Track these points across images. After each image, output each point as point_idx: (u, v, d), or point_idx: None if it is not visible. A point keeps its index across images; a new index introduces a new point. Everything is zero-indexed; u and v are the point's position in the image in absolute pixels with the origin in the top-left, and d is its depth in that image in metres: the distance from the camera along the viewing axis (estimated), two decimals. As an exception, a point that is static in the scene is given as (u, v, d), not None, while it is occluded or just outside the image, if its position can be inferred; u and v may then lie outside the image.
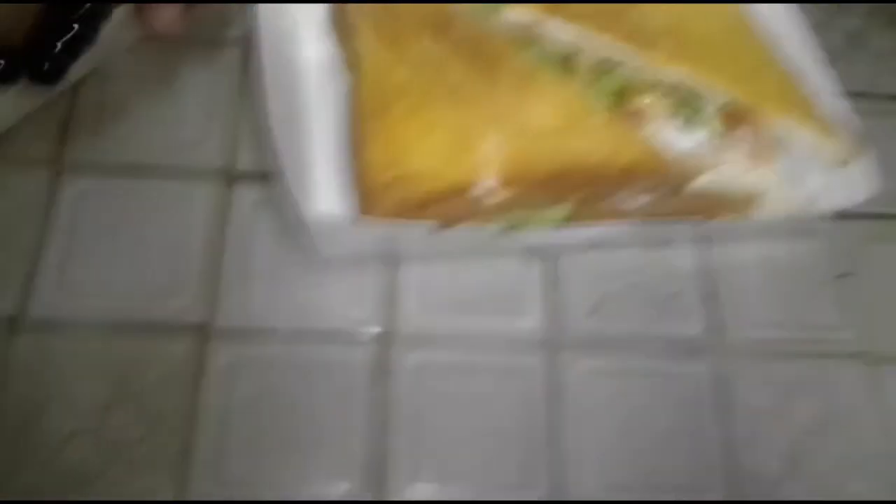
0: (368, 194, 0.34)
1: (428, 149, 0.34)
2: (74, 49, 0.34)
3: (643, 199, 0.37)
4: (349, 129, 0.36)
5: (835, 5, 0.52)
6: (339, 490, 0.35)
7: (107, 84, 0.42)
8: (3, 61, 0.33)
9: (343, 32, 0.39)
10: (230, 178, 0.41)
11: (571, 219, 0.37)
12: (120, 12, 0.36)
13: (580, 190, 0.35)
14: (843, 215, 0.44)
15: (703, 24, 0.39)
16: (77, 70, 0.37)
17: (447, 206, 0.34)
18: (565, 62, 0.38)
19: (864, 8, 0.52)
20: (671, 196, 0.37)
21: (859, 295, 0.43)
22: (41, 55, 0.33)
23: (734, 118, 0.37)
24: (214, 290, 0.38)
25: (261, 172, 0.41)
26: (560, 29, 0.38)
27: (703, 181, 0.37)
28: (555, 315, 0.40)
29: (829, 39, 0.50)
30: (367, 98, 0.35)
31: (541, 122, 0.35)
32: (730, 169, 0.38)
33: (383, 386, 0.37)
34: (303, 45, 0.40)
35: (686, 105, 0.38)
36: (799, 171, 0.39)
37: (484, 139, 0.34)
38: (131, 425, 0.35)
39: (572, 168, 0.34)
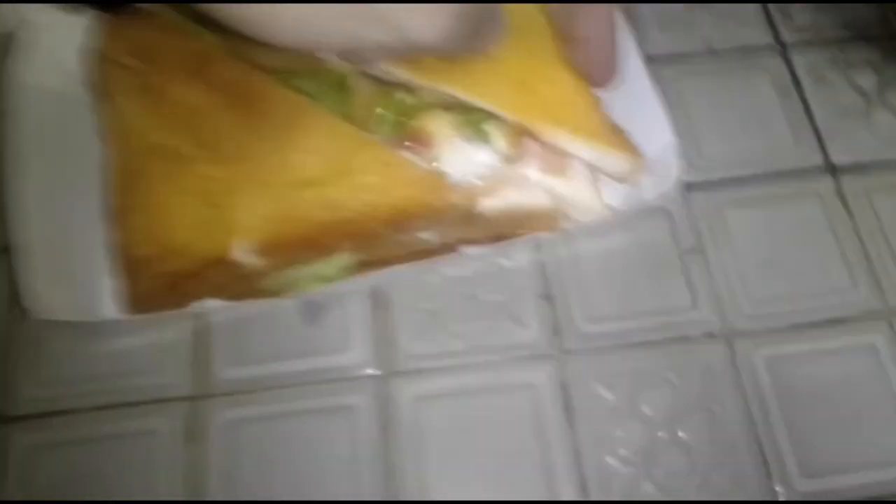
0: (130, 270, 0.32)
1: (184, 220, 0.32)
2: None
3: (434, 234, 0.35)
4: (107, 195, 0.34)
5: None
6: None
7: None
8: None
9: (96, 86, 0.37)
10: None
11: (355, 270, 0.35)
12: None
13: (350, 239, 0.33)
14: (686, 187, 0.42)
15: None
16: None
17: (208, 278, 0.32)
18: (340, 88, 0.36)
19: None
20: (468, 223, 0.35)
21: (709, 269, 0.40)
22: None
23: (519, 133, 0.35)
24: (4, 376, 0.36)
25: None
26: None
27: (500, 201, 0.35)
28: (381, 343, 0.38)
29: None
30: (118, 165, 0.34)
31: (304, 172, 0.33)
32: (525, 185, 0.35)
33: (195, 450, 0.35)
34: (60, 82, 0.37)
35: (470, 124, 0.35)
36: (597, 176, 0.37)
37: (239, 204, 0.32)
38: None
39: (338, 219, 0.32)
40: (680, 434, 0.36)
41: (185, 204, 0.33)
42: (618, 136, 0.35)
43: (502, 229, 0.37)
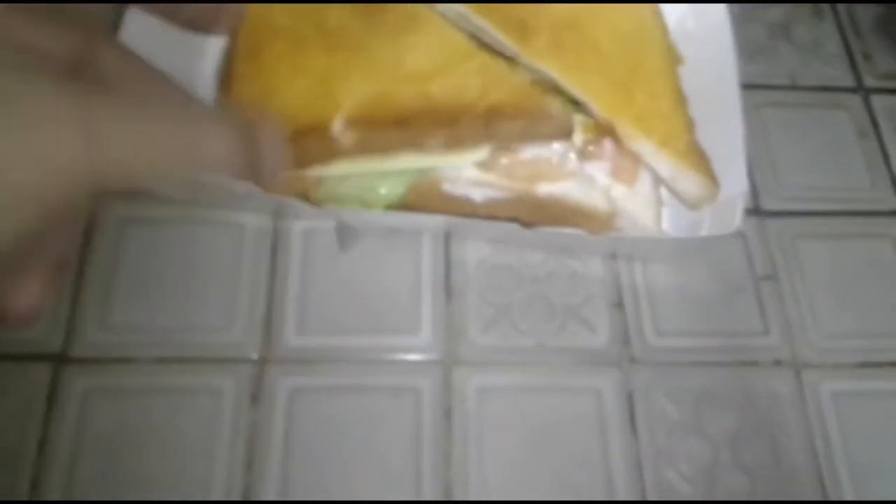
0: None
1: (292, 91, 0.34)
2: None
3: (488, 193, 0.35)
4: (226, 63, 0.36)
5: (759, -2, 0.50)
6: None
7: None
8: None
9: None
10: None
11: (395, 207, 0.35)
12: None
13: (440, 130, 0.33)
14: (763, 213, 0.42)
15: (598, 27, 0.37)
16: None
17: (304, 143, 0.33)
18: None
19: (788, -2, 0.50)
20: (522, 199, 0.35)
21: (782, 297, 0.40)
22: None
23: (601, 130, 0.35)
24: (72, 317, 0.36)
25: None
26: (444, 4, 0.37)
27: (557, 189, 0.35)
28: (450, 331, 0.37)
29: (752, 32, 0.49)
30: (243, 39, 0.35)
31: (410, 67, 0.34)
32: (589, 183, 0.35)
33: (258, 413, 0.35)
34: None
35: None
36: (663, 196, 0.37)
37: (347, 82, 0.34)
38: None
39: (432, 108, 0.33)
40: (742, 457, 0.36)
41: (297, 80, 0.34)
42: (701, 160, 0.35)
43: (551, 216, 0.37)
